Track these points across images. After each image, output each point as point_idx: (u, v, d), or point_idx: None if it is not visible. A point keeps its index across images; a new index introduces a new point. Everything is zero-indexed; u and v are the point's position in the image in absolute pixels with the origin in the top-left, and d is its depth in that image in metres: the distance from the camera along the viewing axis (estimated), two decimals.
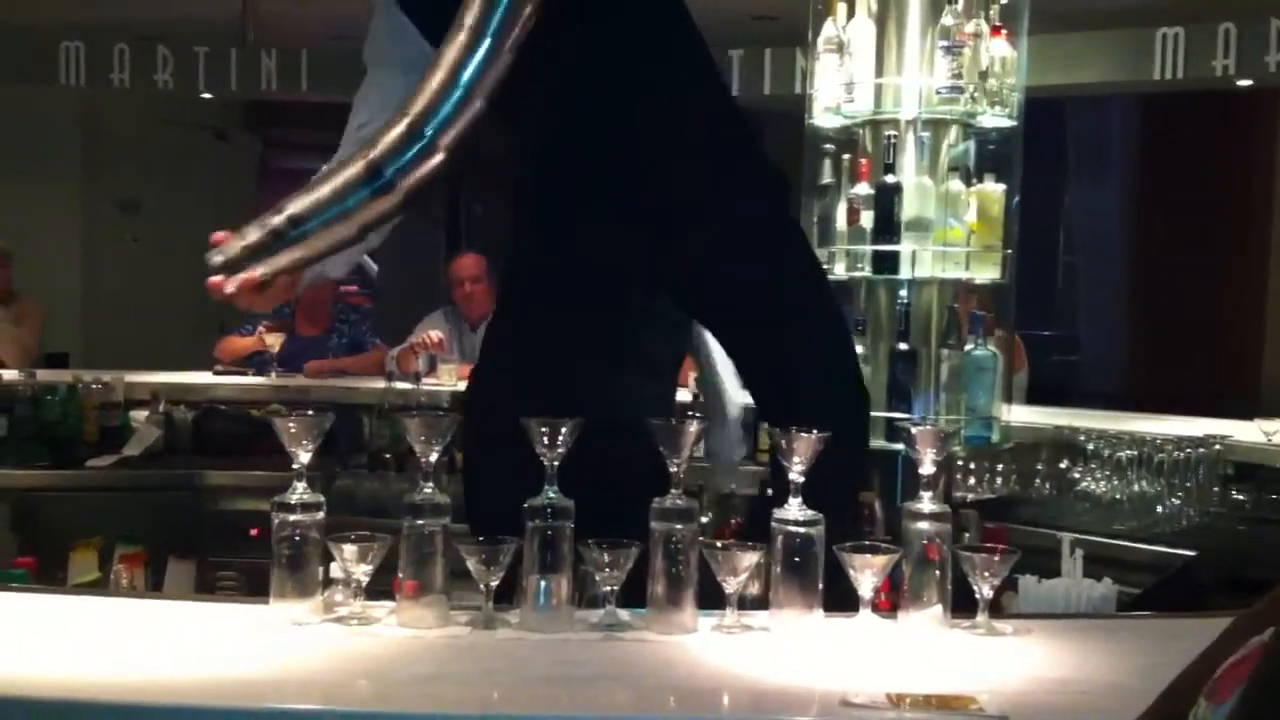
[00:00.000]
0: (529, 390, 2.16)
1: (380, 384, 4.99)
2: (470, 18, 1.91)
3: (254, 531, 3.69)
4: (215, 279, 1.91)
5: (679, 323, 2.44)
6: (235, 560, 4.06)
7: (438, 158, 1.93)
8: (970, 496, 3.97)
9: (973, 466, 4.03)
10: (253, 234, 1.91)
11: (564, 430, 1.81)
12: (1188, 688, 1.21)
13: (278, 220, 1.90)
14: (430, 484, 1.83)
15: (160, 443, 4.65)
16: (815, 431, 1.82)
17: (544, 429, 1.81)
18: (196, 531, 4.24)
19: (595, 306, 2.24)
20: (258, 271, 1.90)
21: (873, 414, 3.15)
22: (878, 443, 3.46)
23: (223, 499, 4.39)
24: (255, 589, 2.01)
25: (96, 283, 8.40)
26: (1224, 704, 1.10)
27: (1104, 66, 5.41)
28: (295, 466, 1.84)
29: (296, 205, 1.91)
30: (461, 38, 1.92)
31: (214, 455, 4.66)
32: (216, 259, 1.91)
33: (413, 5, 2.20)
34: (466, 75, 1.91)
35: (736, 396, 3.44)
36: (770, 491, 1.91)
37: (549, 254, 2.27)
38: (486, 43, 1.91)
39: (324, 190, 1.93)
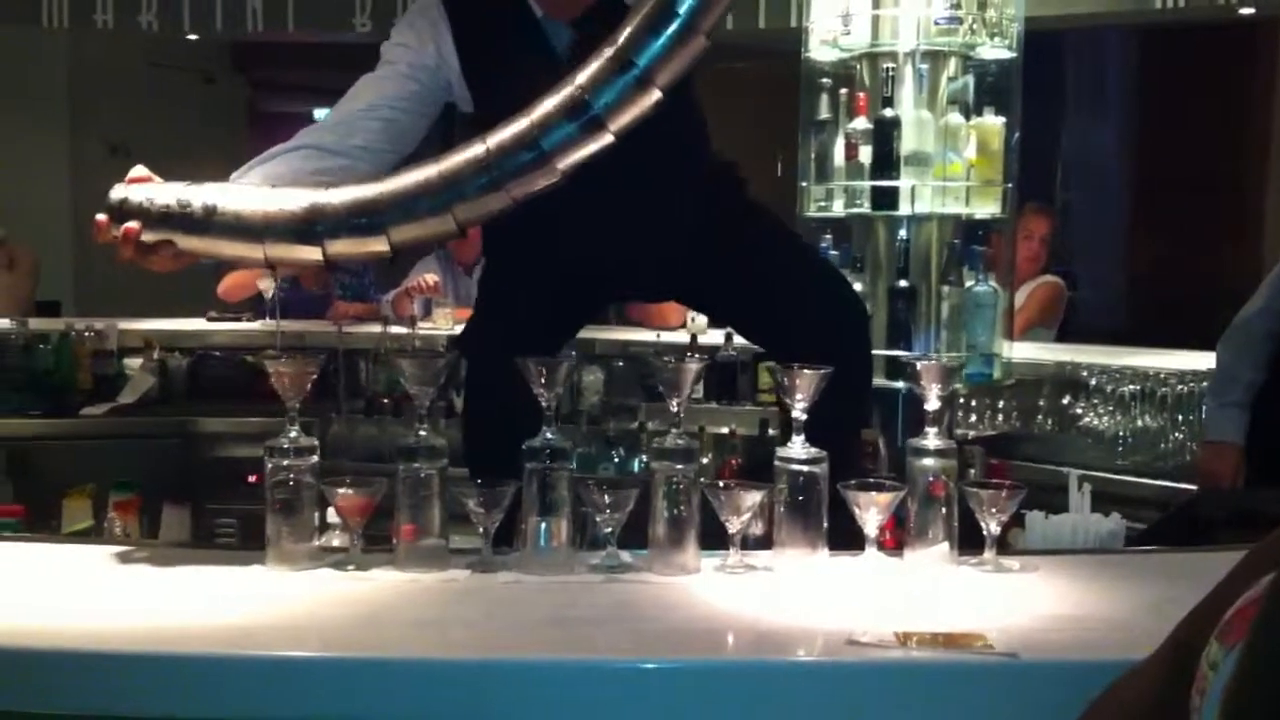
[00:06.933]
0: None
1: (377, 329, 4.94)
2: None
3: (252, 478, 3.66)
4: (103, 218, 1.84)
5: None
6: (232, 507, 4.03)
7: (380, 246, 1.86)
8: (972, 434, 3.94)
9: (974, 404, 4.01)
10: (164, 195, 1.82)
11: (560, 370, 1.78)
12: (1199, 627, 1.18)
13: (196, 200, 1.82)
14: (425, 427, 1.80)
15: (155, 390, 4.60)
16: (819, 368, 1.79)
17: (540, 369, 1.77)
18: (193, 479, 4.20)
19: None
20: (146, 234, 1.82)
21: (873, 352, 3.11)
22: (878, 380, 3.43)
23: (219, 446, 4.35)
24: (253, 536, 2.00)
25: (87, 228, 8.28)
26: (1237, 646, 1.07)
27: None
28: (289, 411, 1.80)
29: (223, 198, 1.82)
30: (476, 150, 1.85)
31: (209, 402, 4.62)
32: (115, 193, 1.83)
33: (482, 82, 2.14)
34: (427, 202, 1.84)
35: None
36: (771, 430, 1.87)
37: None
38: (484, 177, 1.85)
39: (253, 203, 1.82)
